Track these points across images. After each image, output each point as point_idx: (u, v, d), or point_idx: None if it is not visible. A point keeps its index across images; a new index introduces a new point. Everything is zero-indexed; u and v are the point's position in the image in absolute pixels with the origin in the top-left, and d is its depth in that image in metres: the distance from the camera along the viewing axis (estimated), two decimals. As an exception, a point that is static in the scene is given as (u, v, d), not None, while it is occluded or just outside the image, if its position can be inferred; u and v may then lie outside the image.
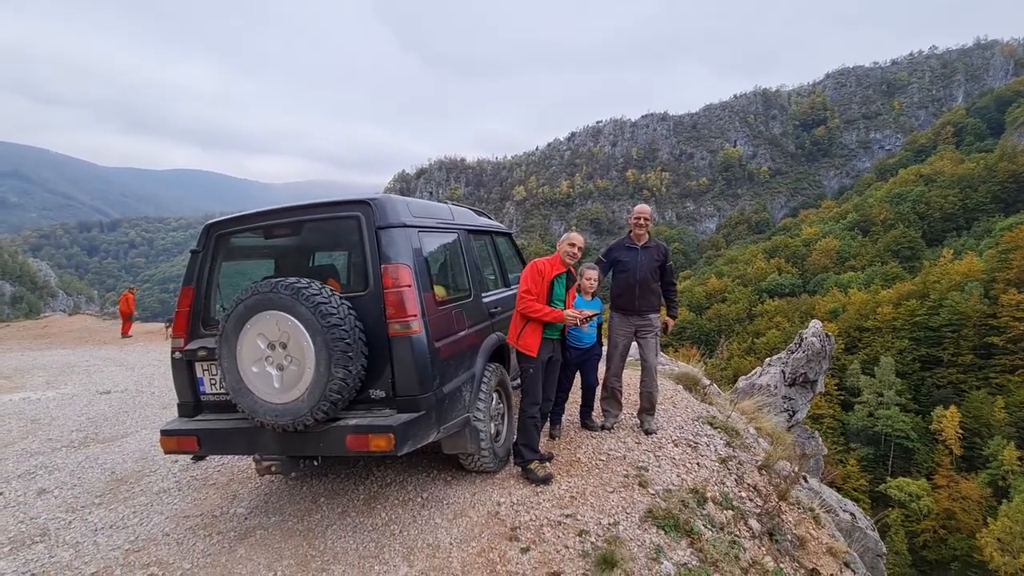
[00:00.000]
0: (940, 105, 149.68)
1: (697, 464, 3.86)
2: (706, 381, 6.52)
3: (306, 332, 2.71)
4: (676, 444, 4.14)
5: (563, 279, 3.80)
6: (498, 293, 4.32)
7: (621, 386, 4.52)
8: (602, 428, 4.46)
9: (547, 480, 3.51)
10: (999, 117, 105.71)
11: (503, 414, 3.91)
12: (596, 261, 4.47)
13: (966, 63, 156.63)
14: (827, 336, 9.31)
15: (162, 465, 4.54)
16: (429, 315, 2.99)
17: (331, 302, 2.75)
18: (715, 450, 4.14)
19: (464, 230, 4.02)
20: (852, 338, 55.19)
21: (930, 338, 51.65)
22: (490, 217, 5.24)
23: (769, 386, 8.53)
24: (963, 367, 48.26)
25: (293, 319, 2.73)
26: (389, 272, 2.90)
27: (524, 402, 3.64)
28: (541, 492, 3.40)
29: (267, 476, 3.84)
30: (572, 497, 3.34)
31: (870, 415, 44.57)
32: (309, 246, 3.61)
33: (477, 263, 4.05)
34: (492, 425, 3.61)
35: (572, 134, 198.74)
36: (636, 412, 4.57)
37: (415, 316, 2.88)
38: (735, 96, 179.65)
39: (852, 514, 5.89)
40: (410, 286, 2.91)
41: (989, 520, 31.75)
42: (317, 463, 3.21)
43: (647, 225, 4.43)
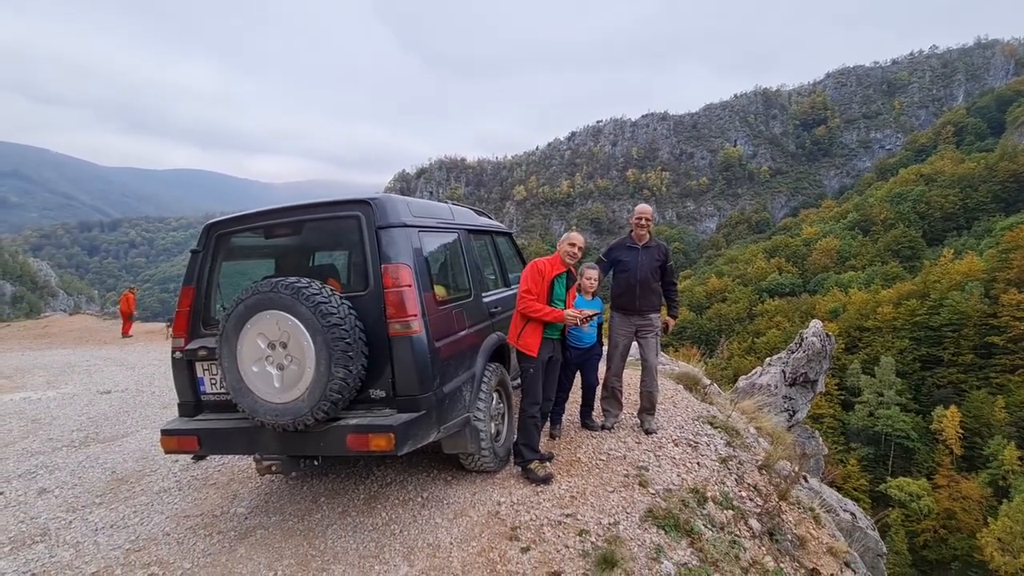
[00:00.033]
0: (940, 105, 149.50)
1: (697, 464, 3.86)
2: (706, 381, 6.52)
3: (306, 332, 2.71)
4: (676, 444, 4.14)
5: (563, 279, 3.80)
6: (498, 293, 4.32)
7: (621, 386, 4.52)
8: (602, 428, 4.46)
9: (547, 480, 3.51)
10: (1000, 117, 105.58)
11: (503, 414, 3.90)
12: (597, 261, 4.46)
13: (967, 62, 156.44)
14: (827, 336, 9.31)
15: (162, 465, 4.54)
16: (429, 315, 2.99)
17: (331, 302, 2.75)
18: (715, 450, 4.14)
19: (464, 230, 4.02)
20: (852, 338, 55.17)
21: (930, 338, 51.66)
22: (490, 217, 5.24)
23: (769, 386, 8.53)
24: (963, 367, 48.27)
25: (293, 319, 2.73)
26: (389, 272, 2.90)
27: (524, 402, 3.64)
28: (541, 492, 3.40)
29: (267, 476, 3.85)
30: (572, 497, 3.34)
31: (870, 415, 44.57)
32: (309, 246, 3.60)
33: (477, 263, 4.05)
34: (492, 425, 3.61)
35: (572, 134, 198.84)
36: (636, 412, 4.57)
37: (415, 316, 2.88)
38: (735, 96, 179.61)
39: (852, 514, 5.89)
40: (410, 286, 2.91)
41: (989, 520, 31.74)
42: (317, 463, 3.21)
43: (648, 225, 4.44)
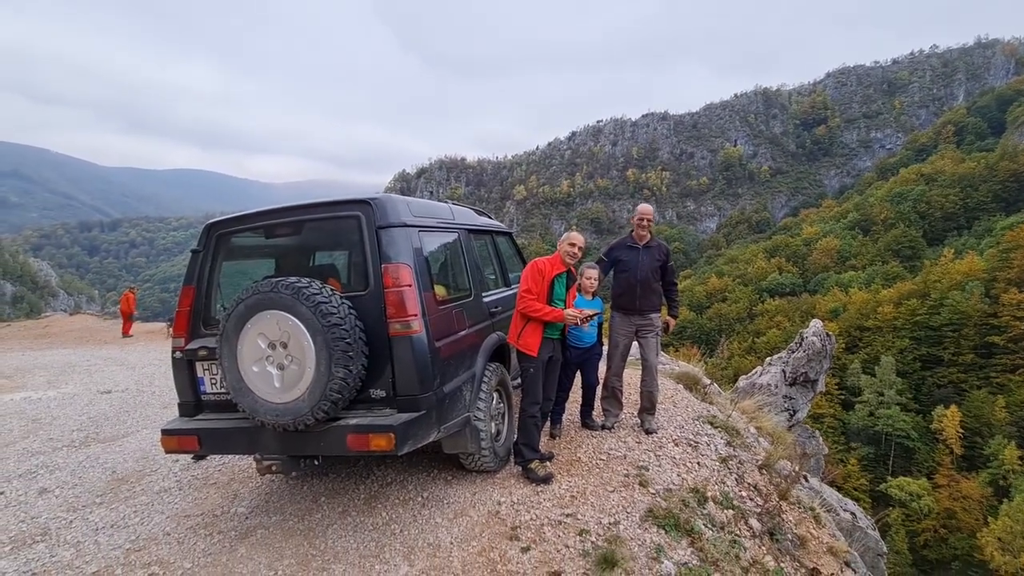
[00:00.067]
0: (941, 104, 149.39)
1: (698, 463, 3.86)
2: (706, 380, 6.52)
3: (307, 332, 2.71)
4: (676, 443, 4.14)
5: (563, 278, 3.80)
6: (498, 292, 4.32)
7: (622, 385, 4.52)
8: (602, 427, 4.46)
9: (547, 479, 3.51)
10: (1000, 116, 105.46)
11: (503, 413, 3.91)
12: (597, 260, 4.46)
13: (967, 62, 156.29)
14: (828, 335, 9.30)
15: (163, 464, 4.54)
16: (429, 315, 2.99)
17: (331, 302, 2.75)
18: (715, 449, 4.14)
19: (464, 229, 4.02)
20: (853, 337, 55.16)
21: (931, 337, 51.64)
22: (490, 216, 5.24)
23: (770, 385, 8.52)
24: (964, 366, 48.27)
25: (294, 319, 2.73)
26: (389, 272, 2.90)
27: (524, 401, 3.64)
28: (541, 491, 3.40)
29: (268, 475, 3.85)
30: (572, 496, 3.34)
31: (871, 414, 44.57)
32: (310, 246, 3.60)
33: (477, 262, 4.05)
34: (492, 424, 3.61)
35: (572, 133, 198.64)
36: (637, 411, 4.57)
37: (415, 316, 2.88)
38: (735, 95, 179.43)
39: (853, 513, 5.89)
40: (410, 286, 2.91)
41: (990, 519, 31.75)
42: (318, 463, 3.21)
43: (649, 226, 4.44)
